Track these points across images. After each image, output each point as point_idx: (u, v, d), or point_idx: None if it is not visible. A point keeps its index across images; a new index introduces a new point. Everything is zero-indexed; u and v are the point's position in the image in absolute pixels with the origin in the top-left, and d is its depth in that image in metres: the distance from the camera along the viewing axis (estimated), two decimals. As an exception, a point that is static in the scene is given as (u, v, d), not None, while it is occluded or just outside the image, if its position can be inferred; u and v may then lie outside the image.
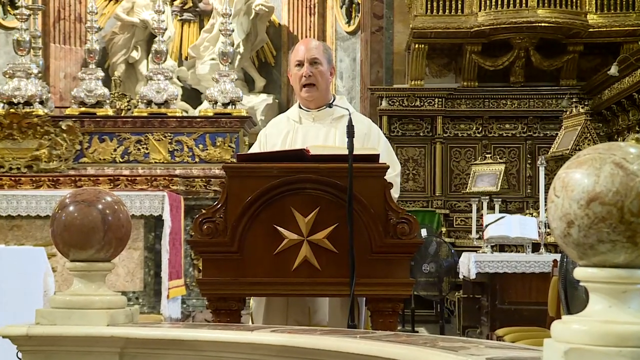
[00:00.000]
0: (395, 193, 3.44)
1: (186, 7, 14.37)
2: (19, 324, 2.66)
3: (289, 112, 4.22)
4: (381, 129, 10.77)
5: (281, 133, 4.10)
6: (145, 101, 10.49)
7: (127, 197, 7.97)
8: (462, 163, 11.15)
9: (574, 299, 4.57)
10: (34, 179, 9.50)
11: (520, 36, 10.63)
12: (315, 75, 3.95)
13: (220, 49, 10.84)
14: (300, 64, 3.96)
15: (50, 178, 9.54)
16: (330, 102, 4.05)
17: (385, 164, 3.51)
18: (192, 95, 14.02)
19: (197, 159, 10.32)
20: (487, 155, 10.44)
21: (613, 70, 9.74)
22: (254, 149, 4.18)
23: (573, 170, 1.58)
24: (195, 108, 13.46)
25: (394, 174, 3.56)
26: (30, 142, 10.22)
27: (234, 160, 3.72)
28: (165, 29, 11.43)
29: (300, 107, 4.13)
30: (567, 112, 10.14)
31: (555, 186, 1.60)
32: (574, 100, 10.52)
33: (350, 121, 3.42)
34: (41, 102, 10.52)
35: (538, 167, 8.14)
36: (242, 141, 10.17)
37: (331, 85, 4.22)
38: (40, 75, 10.79)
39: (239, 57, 13.64)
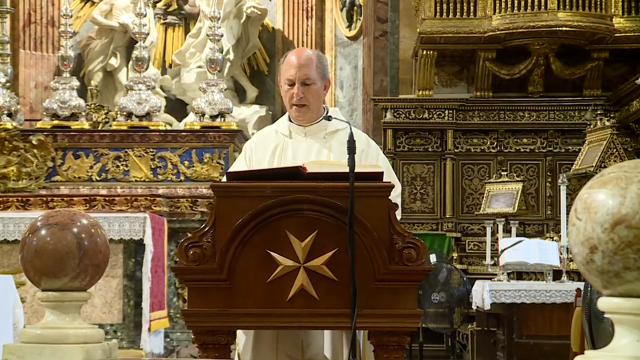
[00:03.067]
0: (397, 215, 3.45)
1: (170, 9, 14.41)
2: (-15, 360, 2.66)
3: (277, 125, 4.24)
4: (385, 144, 10.86)
5: (269, 147, 4.12)
6: (124, 113, 10.51)
7: (105, 219, 7.97)
8: (475, 181, 11.15)
9: (599, 332, 4.57)
10: (1, 199, 9.50)
11: (539, 42, 10.65)
12: (307, 96, 4.01)
13: (208, 55, 10.87)
14: (291, 84, 4.00)
15: (19, 198, 9.54)
16: (324, 115, 4.07)
17: (390, 182, 3.52)
18: (177, 107, 14.03)
19: (182, 177, 10.33)
20: (502, 173, 10.44)
21: (642, 79, 9.75)
22: (239, 162, 4.20)
23: (596, 190, 1.58)
24: (180, 121, 13.48)
25: (394, 194, 3.58)
26: (-2, 159, 10.22)
27: (223, 178, 3.72)
28: (147, 34, 11.46)
29: (290, 120, 4.15)
30: (591, 126, 10.16)
31: (576, 208, 1.60)
32: (598, 112, 10.53)
33: (351, 135, 3.44)
34: (9, 115, 10.53)
35: (559, 186, 8.15)
36: (232, 157, 10.18)
37: (329, 96, 4.27)
38: (8, 84, 10.81)
39: (228, 64, 13.67)
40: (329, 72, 4.27)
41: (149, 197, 9.46)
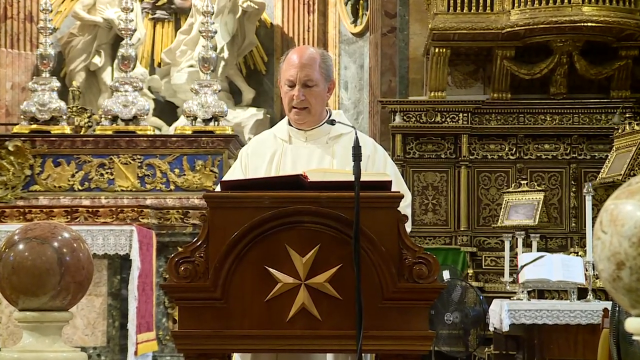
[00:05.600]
0: (407, 227, 3.46)
1: (159, 3, 14.43)
2: (-43, 386, 2.66)
3: (276, 129, 4.26)
4: (394, 150, 10.86)
5: (266, 154, 4.14)
6: (109, 117, 10.51)
7: (88, 232, 7.97)
8: (493, 191, 11.15)
9: (628, 356, 4.58)
10: (-26, 210, 9.51)
11: (562, 39, 10.66)
12: (309, 99, 4.03)
13: (201, 53, 10.88)
14: (291, 85, 4.02)
15: (-5, 210, 9.54)
16: (326, 118, 4.09)
17: (399, 192, 3.52)
18: (167, 110, 14.05)
19: (172, 187, 10.34)
20: (522, 182, 10.43)
21: (674, 79, 9.76)
22: (235, 171, 4.21)
23: (623, 201, 1.58)
24: (170, 125, 13.49)
25: (404, 205, 3.58)
26: (-29, 167, 10.24)
27: (217, 187, 3.73)
28: (134, 30, 11.47)
29: (290, 124, 4.16)
30: (619, 130, 10.15)
31: (602, 220, 1.61)
32: (627, 115, 10.53)
33: (356, 140, 3.44)
34: (-16, 118, 10.55)
35: (584, 196, 8.15)
36: (227, 165, 10.18)
37: (333, 97, 4.28)
38: (-17, 85, 10.84)
39: (223, 63, 13.69)
40: (333, 72, 4.28)
41: (136, 208, 9.46)
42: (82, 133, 10.83)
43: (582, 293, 8.04)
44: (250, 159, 4.18)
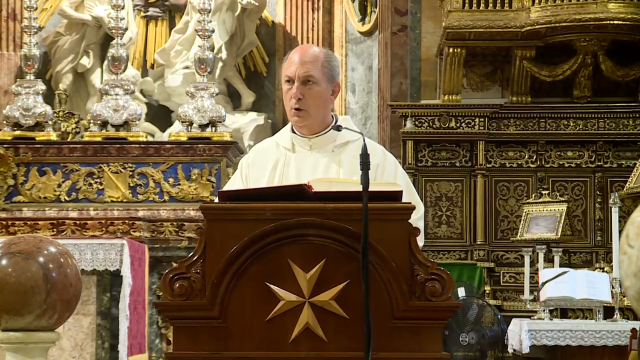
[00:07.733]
0: (419, 241, 3.46)
1: (152, 0, 14.46)
2: None
3: (278, 137, 4.26)
4: (405, 158, 10.87)
5: (268, 163, 4.14)
6: (98, 122, 10.53)
7: (76, 246, 7.98)
8: (511, 202, 11.15)
9: (657, 379, 4.57)
10: (-47, 223, 9.52)
11: (586, 38, 10.67)
12: (307, 98, 4.02)
13: (197, 54, 10.90)
14: (290, 81, 4.02)
15: (-25, 222, 9.55)
16: (332, 125, 4.09)
17: (410, 203, 3.53)
18: (160, 114, 14.06)
19: (166, 197, 10.35)
20: (543, 192, 10.43)
21: None
22: (234, 181, 4.22)
23: (651, 212, 1.58)
24: (163, 131, 13.50)
25: (416, 217, 3.59)
26: (-51, 176, 10.25)
27: (215, 198, 3.74)
28: (125, 29, 11.50)
29: (293, 131, 4.16)
30: (648, 136, 10.18)
31: (628, 233, 1.61)
32: (656, 120, 10.56)
33: (364, 148, 3.45)
34: (-36, 124, 10.56)
35: (610, 207, 8.15)
36: (225, 173, 10.20)
37: (339, 101, 4.28)
38: (-37, 88, 10.86)
39: (220, 64, 13.70)
40: (339, 74, 4.28)
41: (127, 221, 9.47)
42: (69, 140, 10.84)
43: (608, 312, 8.04)
44: (251, 169, 4.18)
